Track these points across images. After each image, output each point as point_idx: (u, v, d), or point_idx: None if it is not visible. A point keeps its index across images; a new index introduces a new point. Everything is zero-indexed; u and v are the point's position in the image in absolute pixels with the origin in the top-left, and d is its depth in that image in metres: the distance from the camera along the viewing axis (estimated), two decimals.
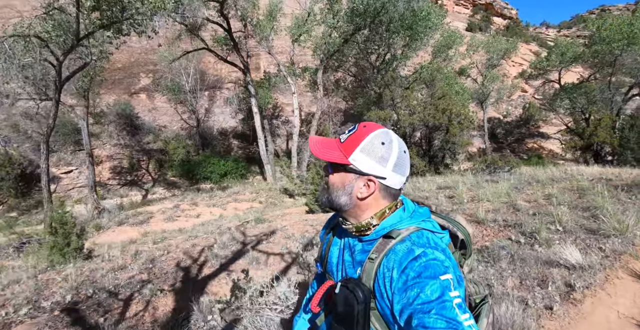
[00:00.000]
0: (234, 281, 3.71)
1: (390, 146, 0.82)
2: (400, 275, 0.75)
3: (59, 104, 8.91)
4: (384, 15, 10.57)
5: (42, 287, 4.35)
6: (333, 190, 0.87)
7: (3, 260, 7.42)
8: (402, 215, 0.87)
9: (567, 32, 44.75)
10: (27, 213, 12.89)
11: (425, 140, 12.76)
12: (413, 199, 0.89)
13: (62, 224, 6.00)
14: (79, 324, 3.33)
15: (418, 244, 0.79)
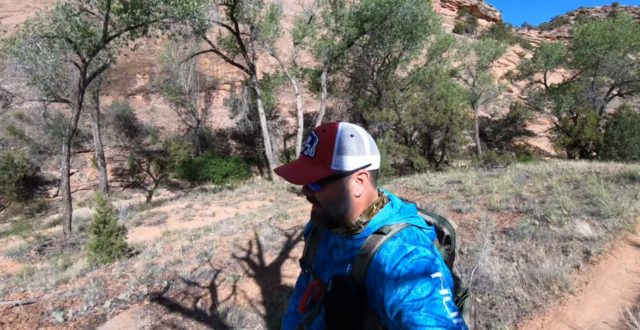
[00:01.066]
0: None
1: (358, 134, 0.85)
2: (392, 272, 0.77)
3: (81, 105, 9.28)
4: (389, 21, 11.37)
5: (102, 284, 4.85)
6: (331, 205, 0.87)
7: (26, 263, 7.80)
8: (390, 211, 0.89)
9: (547, 33, 47.08)
10: (31, 217, 13.05)
11: (425, 139, 13.66)
12: (399, 196, 0.99)
13: (104, 223, 6.49)
14: (177, 309, 3.84)
15: (409, 240, 0.82)
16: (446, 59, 17.11)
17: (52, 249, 8.48)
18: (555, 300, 2.82)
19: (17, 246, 8.85)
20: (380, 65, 15.02)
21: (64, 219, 9.32)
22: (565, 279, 3.05)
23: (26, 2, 18.54)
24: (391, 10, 10.78)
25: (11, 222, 12.66)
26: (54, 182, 14.51)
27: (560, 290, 2.94)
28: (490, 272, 3.18)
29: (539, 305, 2.73)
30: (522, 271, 3.23)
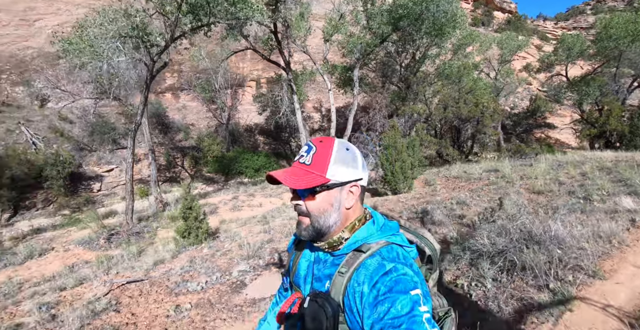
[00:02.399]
0: None
1: (352, 150, 0.93)
2: (371, 290, 0.79)
3: (147, 101, 10.26)
4: (422, 18, 12.23)
5: (208, 260, 5.82)
6: (319, 215, 0.91)
7: (97, 250, 8.81)
8: (371, 228, 0.93)
9: (564, 24, 47.45)
10: (78, 211, 14.14)
11: (454, 131, 14.52)
12: (382, 212, 0.98)
13: (190, 209, 7.49)
14: None
15: (388, 258, 0.84)
16: (470, 53, 17.93)
17: (118, 238, 9.49)
18: (617, 250, 3.75)
19: (85, 235, 9.90)
20: (409, 61, 15.88)
21: (126, 209, 10.31)
22: (621, 236, 3.97)
23: (58, 5, 19.62)
24: (426, 8, 11.64)
25: (61, 216, 13.76)
26: (96, 178, 15.60)
27: (619, 244, 3.86)
28: (562, 233, 4.08)
29: (607, 252, 3.65)
30: (586, 231, 4.13)
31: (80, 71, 12.22)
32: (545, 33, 40.55)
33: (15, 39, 18.54)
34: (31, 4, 19.30)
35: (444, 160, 13.92)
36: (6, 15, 18.84)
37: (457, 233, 4.55)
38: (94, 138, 16.59)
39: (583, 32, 41.26)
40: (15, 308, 5.26)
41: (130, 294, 4.98)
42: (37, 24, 18.99)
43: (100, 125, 16.24)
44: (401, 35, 14.67)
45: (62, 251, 8.94)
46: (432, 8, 11.61)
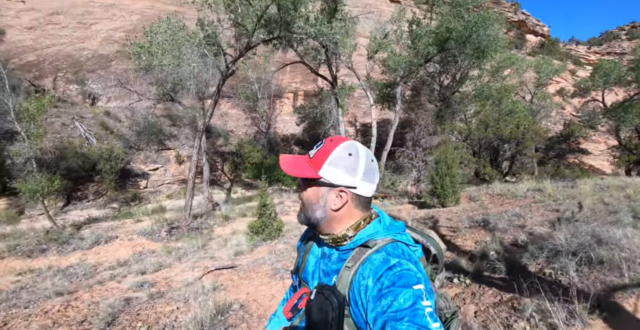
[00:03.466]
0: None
1: (358, 156, 0.95)
2: (375, 284, 0.84)
3: (216, 103, 11.35)
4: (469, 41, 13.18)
5: (288, 253, 6.70)
6: (308, 206, 0.99)
7: (159, 242, 9.77)
8: (377, 226, 0.99)
9: (597, 48, 47.96)
10: (127, 205, 15.24)
11: (492, 151, 15.26)
12: (389, 214, 1.04)
13: (264, 206, 8.41)
14: None
15: (393, 254, 0.89)
16: (508, 76, 18.78)
17: (178, 232, 10.46)
18: None
19: (146, 227, 10.91)
20: (449, 81, 16.82)
21: (185, 206, 11.32)
22: None
23: (113, 11, 21.31)
24: (476, 31, 12.60)
25: (111, 208, 14.88)
26: (142, 175, 16.76)
27: None
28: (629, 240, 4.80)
29: None
30: None
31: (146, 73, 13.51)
32: (578, 57, 41.18)
33: (72, 41, 20.19)
34: (89, 8, 21.01)
35: (481, 179, 14.62)
36: (65, 18, 20.56)
37: (526, 237, 5.32)
38: (141, 137, 17.84)
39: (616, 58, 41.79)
40: (117, 285, 6.20)
41: (229, 278, 5.82)
42: (93, 28, 20.65)
43: (149, 125, 17.49)
44: (444, 56, 15.63)
45: (126, 240, 9.97)
46: (481, 32, 12.55)
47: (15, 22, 19.82)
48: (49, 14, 20.36)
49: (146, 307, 4.62)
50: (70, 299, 5.32)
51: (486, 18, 12.42)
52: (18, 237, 10.76)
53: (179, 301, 4.69)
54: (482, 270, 4.02)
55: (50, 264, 8.19)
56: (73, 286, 6.36)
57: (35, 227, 12.00)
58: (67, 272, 7.54)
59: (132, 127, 18.26)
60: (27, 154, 10.85)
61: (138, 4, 21.57)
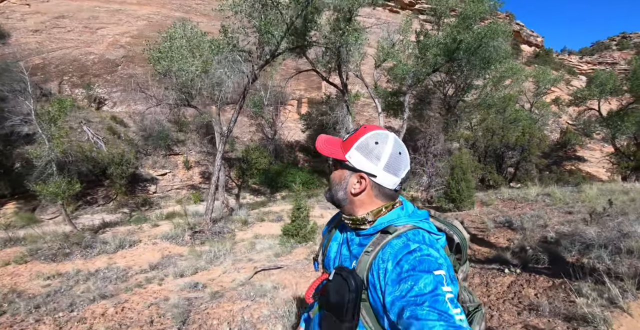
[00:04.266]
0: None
1: (384, 146, 0.97)
2: (394, 267, 0.85)
3: (241, 109, 11.81)
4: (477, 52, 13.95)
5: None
6: (333, 185, 1.05)
7: (183, 245, 10.08)
8: (399, 213, 1.01)
9: (589, 58, 49.84)
10: (137, 210, 15.50)
11: (497, 158, 16.02)
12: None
13: (298, 209, 8.86)
14: None
15: (414, 240, 0.91)
16: (509, 85, 19.66)
17: (201, 236, 10.82)
18: None
19: (167, 231, 11.22)
20: (455, 90, 17.59)
21: (206, 210, 11.69)
22: None
23: (119, 16, 21.70)
24: (486, 43, 13.38)
25: (121, 213, 15.12)
26: (151, 181, 17.05)
27: None
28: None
29: None
30: None
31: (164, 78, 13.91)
32: (571, 67, 42.77)
33: (78, 45, 20.50)
34: (95, 13, 21.36)
35: (487, 185, 15.33)
36: (71, 21, 20.88)
37: (554, 234, 5.92)
38: (148, 142, 18.16)
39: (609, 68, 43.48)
40: (159, 287, 6.53)
41: (283, 277, 6.18)
42: (99, 32, 21.00)
43: (157, 131, 17.84)
44: (450, 66, 16.40)
45: (150, 244, 10.25)
46: (490, 43, 13.33)
47: (20, 24, 20.08)
48: (55, 17, 20.66)
49: (212, 306, 4.91)
50: (119, 301, 5.58)
51: (495, 30, 13.21)
52: (34, 241, 11.02)
53: (245, 299, 5.01)
54: (527, 261, 4.58)
55: (77, 268, 8.33)
56: (111, 289, 6.56)
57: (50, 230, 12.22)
58: (99, 275, 7.73)
59: (139, 132, 18.57)
60: (48, 157, 11.11)
61: (144, 10, 22.00)
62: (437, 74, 17.43)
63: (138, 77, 21.01)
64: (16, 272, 8.37)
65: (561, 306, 3.22)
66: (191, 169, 18.21)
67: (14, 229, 13.27)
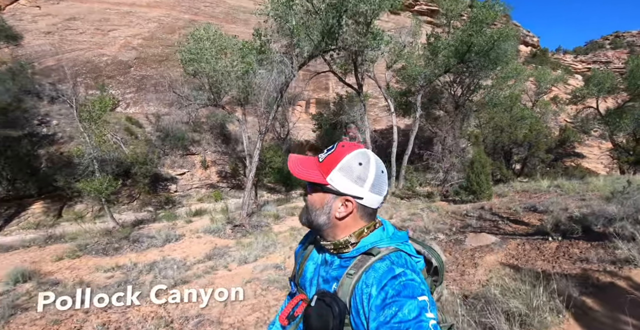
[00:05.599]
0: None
1: (368, 167, 0.97)
2: (379, 292, 0.86)
3: (279, 107, 12.76)
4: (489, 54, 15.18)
5: None
6: (312, 210, 1.02)
7: (226, 238, 10.88)
8: (381, 234, 1.02)
9: (583, 57, 51.97)
10: (161, 208, 16.36)
11: (505, 154, 17.28)
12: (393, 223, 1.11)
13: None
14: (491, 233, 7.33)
15: (397, 263, 0.92)
16: (512, 85, 21.00)
17: (241, 229, 11.76)
18: None
19: (208, 226, 12.05)
20: (463, 90, 18.82)
21: (243, 205, 12.64)
22: None
23: (130, 18, 22.49)
24: (498, 46, 14.61)
25: (146, 212, 15.97)
26: (171, 180, 17.92)
27: None
28: None
29: None
30: None
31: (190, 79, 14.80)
32: (567, 66, 44.68)
33: (91, 46, 21.25)
34: (105, 15, 22.12)
35: (496, 180, 16.56)
36: (83, 23, 21.62)
37: (579, 213, 7.06)
38: (165, 142, 19.01)
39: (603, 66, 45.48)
40: (230, 272, 7.36)
41: None
42: (110, 34, 21.77)
43: (174, 131, 18.70)
44: (459, 67, 17.64)
45: (194, 237, 11.13)
46: (502, 46, 14.57)
47: (32, 26, 20.74)
48: (66, 19, 21.37)
49: None
50: (206, 284, 6.46)
51: (504, 33, 14.45)
52: (73, 238, 11.85)
53: None
54: (565, 232, 5.70)
55: (134, 260, 8.88)
56: (182, 277, 7.28)
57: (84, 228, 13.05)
58: (159, 266, 8.26)
59: (155, 133, 19.41)
60: (89, 155, 11.91)
61: (154, 12, 22.82)
62: (446, 74, 18.66)
63: (153, 78, 21.87)
64: (73, 266, 9.01)
65: (604, 256, 4.33)
66: (208, 168, 19.11)
67: (43, 228, 14.09)
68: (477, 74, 17.57)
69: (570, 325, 2.75)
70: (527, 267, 4.10)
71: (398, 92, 20.15)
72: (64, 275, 8.31)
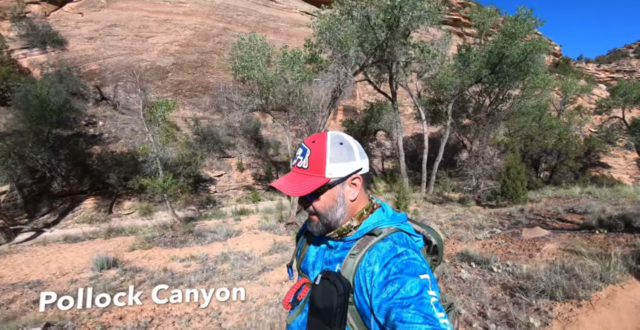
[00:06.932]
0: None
1: (347, 142, 1.06)
2: (382, 270, 0.92)
3: (330, 113, 14.03)
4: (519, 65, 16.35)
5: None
6: (326, 212, 1.06)
7: (283, 235, 11.89)
8: (381, 215, 1.09)
9: (606, 66, 52.78)
10: (203, 208, 17.62)
11: (534, 162, 18.33)
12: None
13: (403, 199, 11.09)
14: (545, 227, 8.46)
15: (399, 243, 0.98)
16: (540, 95, 22.12)
17: (295, 226, 12.93)
18: None
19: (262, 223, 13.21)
20: (493, 99, 19.98)
21: (292, 204, 13.88)
22: None
23: (167, 26, 24.04)
24: (530, 58, 15.79)
25: (191, 211, 17.24)
26: (210, 181, 19.24)
27: None
28: None
29: None
30: None
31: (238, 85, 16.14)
32: (589, 75, 45.61)
33: (131, 52, 22.80)
34: (144, 22, 23.68)
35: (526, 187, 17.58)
36: (123, 30, 23.20)
37: (617, 213, 8.15)
38: (202, 145, 20.36)
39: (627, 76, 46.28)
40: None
41: None
42: (149, 40, 23.32)
43: (213, 134, 20.07)
44: (490, 77, 18.82)
45: (252, 233, 12.30)
46: (535, 57, 15.75)
47: (75, 32, 22.34)
48: (107, 26, 22.95)
49: None
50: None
51: (537, 46, 15.62)
52: (133, 231, 13.15)
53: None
54: (609, 226, 6.81)
55: (205, 252, 9.97)
56: (259, 265, 8.26)
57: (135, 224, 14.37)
58: (231, 257, 9.21)
59: (193, 136, 20.79)
60: (156, 153, 13.22)
61: (191, 20, 24.34)
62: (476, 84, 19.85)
63: (188, 83, 23.36)
64: (148, 256, 10.12)
65: None
66: (244, 171, 20.40)
67: (96, 222, 15.43)
68: (507, 84, 18.72)
69: (633, 282, 3.91)
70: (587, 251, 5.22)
71: (428, 100, 21.37)
72: (142, 264, 9.43)
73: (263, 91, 14.97)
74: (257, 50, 15.04)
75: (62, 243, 12.06)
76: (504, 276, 4.67)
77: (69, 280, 8.10)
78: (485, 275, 4.83)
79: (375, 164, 25.13)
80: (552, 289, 3.69)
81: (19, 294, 7.22)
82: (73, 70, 20.56)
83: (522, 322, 3.23)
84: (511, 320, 3.32)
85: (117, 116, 20.44)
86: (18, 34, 20.88)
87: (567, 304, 3.48)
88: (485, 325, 3.35)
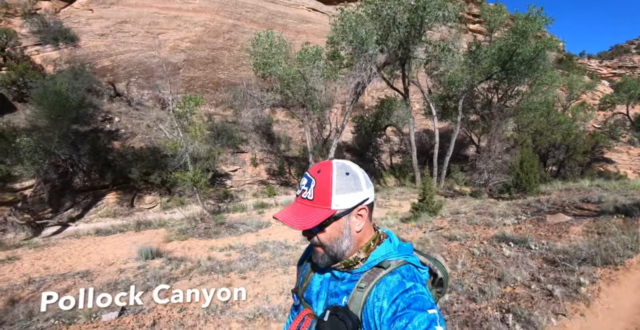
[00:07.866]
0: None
1: (353, 171, 1.06)
2: (390, 306, 0.92)
3: (353, 109, 14.79)
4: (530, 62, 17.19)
5: (472, 219, 10.20)
6: (332, 244, 1.06)
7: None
8: (389, 247, 1.10)
9: (609, 62, 53.87)
10: (221, 202, 18.34)
11: (542, 156, 19.20)
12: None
13: (428, 191, 11.85)
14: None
15: (408, 277, 1.00)
16: (546, 91, 23.01)
17: None
18: None
19: None
20: (502, 95, 20.83)
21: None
22: None
23: (178, 22, 24.64)
24: (541, 56, 16.63)
25: (209, 204, 17.96)
26: (226, 175, 19.96)
27: None
28: None
29: None
30: None
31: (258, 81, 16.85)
32: (592, 72, 46.67)
33: (142, 48, 23.40)
34: (155, 19, 24.26)
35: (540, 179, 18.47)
36: (134, 26, 23.78)
37: (630, 201, 9.00)
38: (217, 141, 21.05)
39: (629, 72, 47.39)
40: None
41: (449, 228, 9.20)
42: (160, 37, 23.92)
43: (227, 130, 20.77)
44: (500, 74, 19.66)
45: (281, 225, 12.92)
46: (546, 55, 16.59)
47: (86, 29, 22.90)
48: (118, 22, 23.52)
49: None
50: None
51: (548, 44, 16.46)
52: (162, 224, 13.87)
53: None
54: (625, 212, 7.65)
55: (241, 242, 10.50)
56: (299, 253, 8.78)
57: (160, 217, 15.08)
58: (268, 246, 9.73)
59: (206, 131, 21.48)
60: (185, 148, 13.90)
61: (200, 17, 24.94)
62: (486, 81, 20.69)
63: (200, 79, 24.01)
64: (186, 246, 10.66)
65: None
66: (257, 166, 21.15)
67: (119, 216, 16.13)
68: (516, 81, 19.56)
69: None
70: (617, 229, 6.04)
71: (438, 96, 22.18)
72: (184, 254, 9.93)
73: (284, 87, 15.66)
74: (275, 46, 15.74)
75: (95, 236, 12.64)
76: (543, 251, 5.48)
77: (117, 269, 8.58)
78: (525, 252, 5.64)
79: (383, 159, 26.00)
80: (593, 256, 4.51)
81: (71, 283, 7.67)
82: (86, 67, 21.12)
83: (573, 282, 4.04)
84: (563, 282, 4.13)
85: (132, 112, 21.07)
86: (30, 31, 21.39)
87: (607, 269, 4.30)
88: (542, 286, 4.15)
